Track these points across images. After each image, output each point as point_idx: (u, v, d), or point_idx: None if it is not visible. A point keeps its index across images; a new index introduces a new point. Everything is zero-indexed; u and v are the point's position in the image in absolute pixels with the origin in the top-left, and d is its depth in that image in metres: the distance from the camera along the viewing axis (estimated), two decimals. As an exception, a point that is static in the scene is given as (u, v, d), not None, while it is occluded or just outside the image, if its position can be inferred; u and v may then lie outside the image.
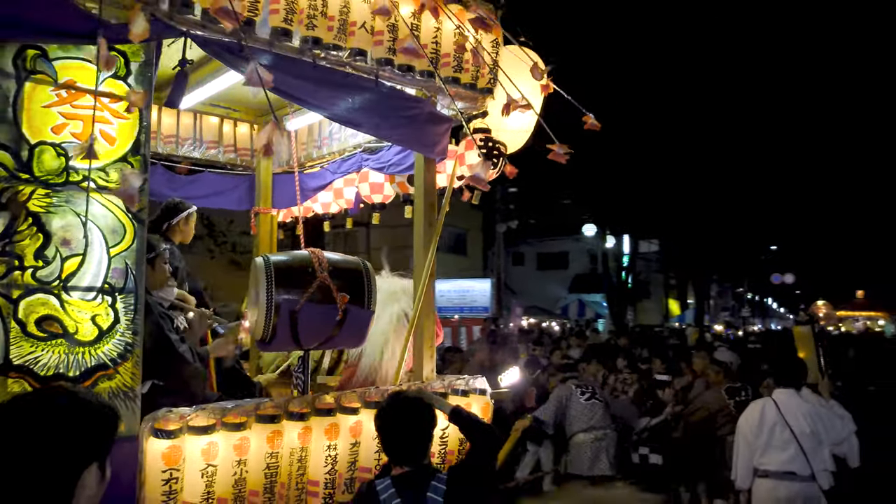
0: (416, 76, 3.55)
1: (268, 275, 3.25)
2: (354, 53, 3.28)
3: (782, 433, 4.31)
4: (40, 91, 2.59)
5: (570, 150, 3.30)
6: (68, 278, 2.60)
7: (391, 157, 4.71)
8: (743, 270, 33.22)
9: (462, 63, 3.72)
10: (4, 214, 2.48)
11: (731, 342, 16.42)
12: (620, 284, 26.72)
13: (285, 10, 2.99)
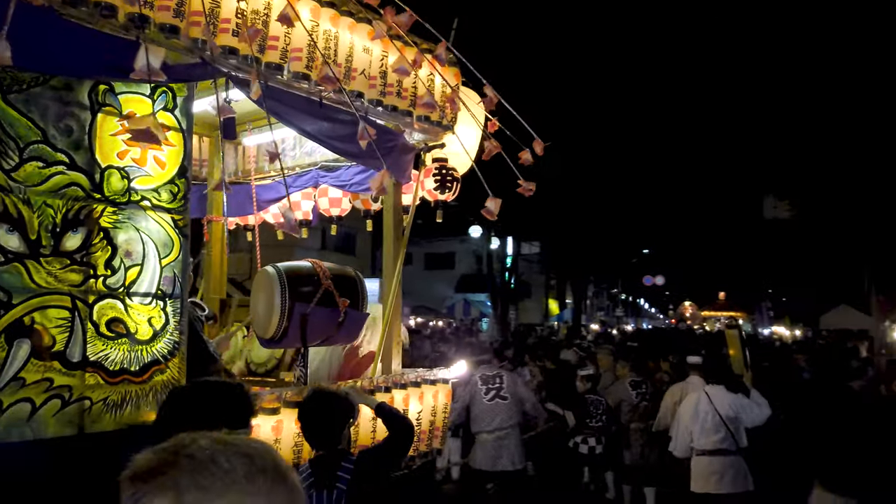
0: (398, 114, 4.19)
1: (282, 283, 3.78)
2: (355, 95, 3.86)
3: (714, 419, 5.35)
4: (108, 121, 3.00)
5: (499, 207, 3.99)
6: (130, 285, 3.03)
7: (352, 177, 5.30)
8: (617, 272, 35.74)
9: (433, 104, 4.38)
10: (82, 229, 2.88)
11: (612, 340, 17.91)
12: (504, 284, 28.01)
13: (307, 58, 3.52)
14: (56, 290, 2.77)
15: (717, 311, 27.91)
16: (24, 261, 2.67)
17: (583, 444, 7.02)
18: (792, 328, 30.86)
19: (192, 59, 3.15)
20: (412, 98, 4.26)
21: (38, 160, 2.73)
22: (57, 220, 2.78)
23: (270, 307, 3.83)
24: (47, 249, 2.75)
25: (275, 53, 3.39)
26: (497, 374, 6.64)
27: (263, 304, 3.91)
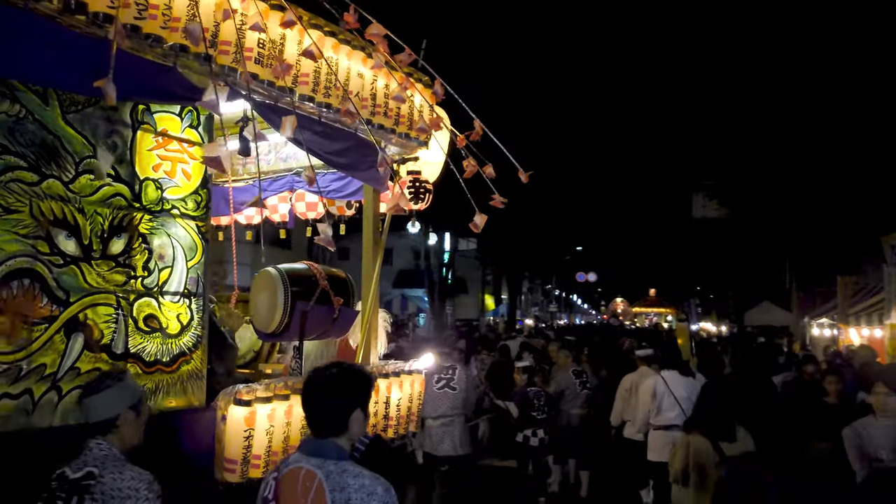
0: (383, 131, 4.68)
1: (284, 283, 4.22)
2: (363, 120, 4.32)
3: (669, 399, 6.14)
4: (146, 137, 3.39)
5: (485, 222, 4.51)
6: (163, 285, 3.43)
7: (329, 184, 5.75)
8: (552, 268, 36.88)
9: (412, 122, 4.89)
10: (125, 235, 3.26)
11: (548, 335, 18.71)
12: (441, 280, 28.66)
13: (313, 82, 3.96)
14: (104, 289, 3.15)
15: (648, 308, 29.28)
16: (79, 263, 3.05)
17: (533, 437, 7.61)
18: (718, 324, 32.60)
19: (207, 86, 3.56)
20: (395, 117, 4.75)
21: (90, 173, 3.10)
22: (105, 226, 3.16)
23: (274, 304, 4.27)
24: (97, 253, 3.12)
25: (288, 79, 3.82)
26: (451, 366, 7.18)
27: (266, 301, 4.33)
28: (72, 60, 2.83)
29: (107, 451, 2.48)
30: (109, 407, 2.53)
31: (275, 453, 3.72)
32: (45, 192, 2.91)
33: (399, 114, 4.76)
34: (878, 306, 13.89)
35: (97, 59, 2.88)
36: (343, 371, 2.40)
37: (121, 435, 2.55)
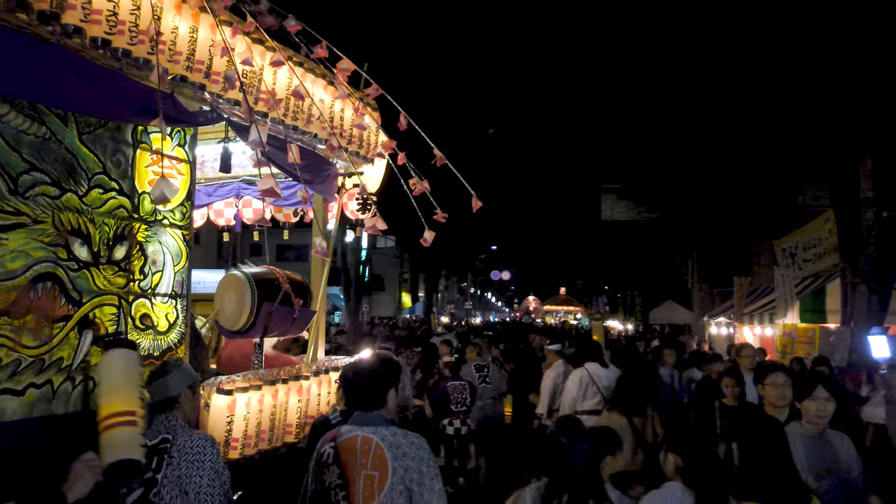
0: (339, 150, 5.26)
1: (251, 286, 4.74)
2: (312, 136, 4.90)
3: (592, 388, 6.96)
4: (143, 155, 3.86)
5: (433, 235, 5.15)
6: (155, 287, 3.91)
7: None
8: (467, 267, 37.92)
9: (362, 141, 5.49)
10: (126, 243, 3.73)
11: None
12: (358, 278, 29.07)
13: (285, 108, 4.51)
14: (109, 291, 3.61)
15: (558, 306, 30.66)
16: (90, 268, 3.50)
17: (449, 427, 8.39)
18: (625, 322, 34.43)
19: (205, 107, 4.08)
20: (349, 137, 5.36)
21: (99, 188, 3.56)
22: (110, 235, 3.62)
23: (241, 305, 4.78)
24: (104, 259, 3.58)
25: (263, 105, 4.35)
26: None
27: (234, 302, 4.84)
28: (94, 88, 3.31)
29: (174, 422, 3.15)
30: (174, 387, 3.24)
31: (249, 436, 4.26)
32: (64, 205, 3.36)
33: (352, 135, 5.36)
34: (769, 306, 15.10)
35: (115, 87, 3.38)
36: (380, 361, 3.06)
37: (183, 409, 3.27)
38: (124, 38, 3.34)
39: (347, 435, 2.95)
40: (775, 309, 14.11)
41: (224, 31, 3.79)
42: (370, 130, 5.50)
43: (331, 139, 4.32)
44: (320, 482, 2.89)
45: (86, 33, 3.19)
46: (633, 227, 28.14)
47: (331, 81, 4.94)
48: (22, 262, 3.13)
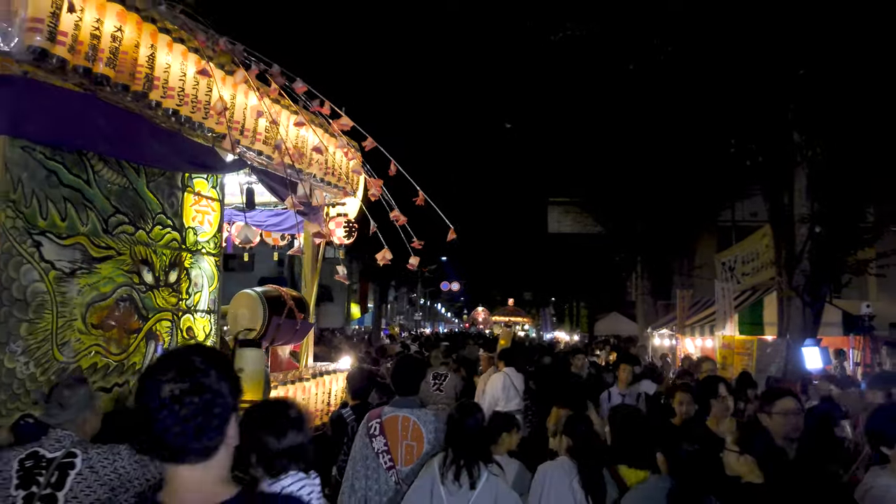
0: (330, 186, 6.32)
1: (262, 303, 5.76)
2: (310, 175, 5.95)
3: (511, 390, 7.98)
4: (189, 196, 4.86)
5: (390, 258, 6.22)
6: (196, 305, 4.91)
7: (266, 219, 7.31)
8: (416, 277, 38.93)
9: (349, 179, 6.57)
10: (177, 269, 4.72)
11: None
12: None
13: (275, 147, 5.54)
14: (166, 308, 4.60)
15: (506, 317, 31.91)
16: (153, 290, 4.49)
17: None
18: (571, 333, 35.96)
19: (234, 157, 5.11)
20: (339, 174, 6.44)
21: (160, 225, 4.56)
22: (166, 263, 4.62)
23: (255, 318, 5.78)
24: (162, 282, 4.57)
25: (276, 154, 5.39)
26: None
27: (247, 316, 5.83)
28: (162, 146, 4.32)
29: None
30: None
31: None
32: (137, 240, 4.35)
33: (342, 172, 6.45)
34: (710, 318, 15.53)
35: (176, 144, 4.42)
36: (415, 360, 4.23)
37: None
38: (188, 108, 4.36)
39: (390, 414, 4.02)
40: (715, 321, 14.60)
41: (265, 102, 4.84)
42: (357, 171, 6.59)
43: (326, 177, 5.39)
44: (369, 448, 3.96)
45: (162, 105, 4.20)
46: (580, 240, 29.47)
47: (327, 130, 6.01)
48: (110, 287, 4.11)
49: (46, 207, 3.67)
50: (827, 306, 11.84)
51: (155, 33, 4.04)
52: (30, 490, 2.77)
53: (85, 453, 2.89)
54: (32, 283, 3.58)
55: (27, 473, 2.80)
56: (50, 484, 2.78)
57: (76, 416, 3.02)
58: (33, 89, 3.48)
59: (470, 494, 3.55)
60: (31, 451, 2.88)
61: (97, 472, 2.85)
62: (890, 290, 15.71)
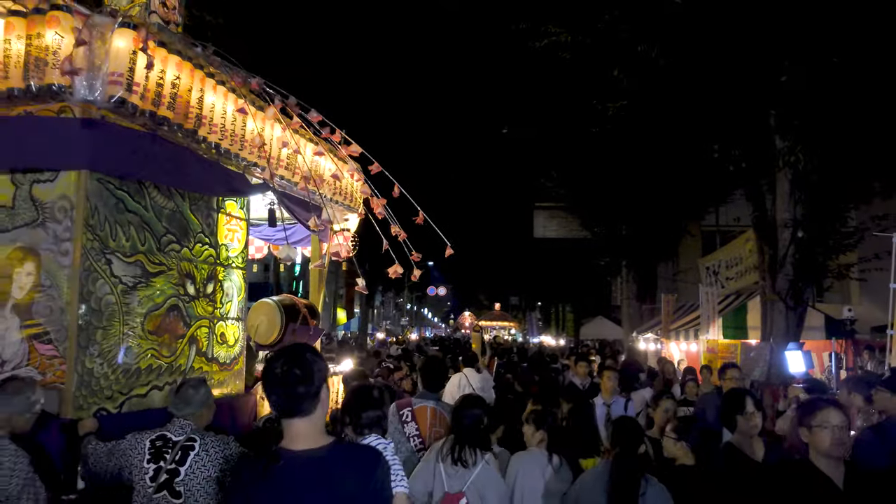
0: (338, 205, 7.06)
1: (280, 310, 6.49)
2: (323, 196, 6.69)
3: (469, 389, 8.70)
4: (222, 217, 5.59)
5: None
6: (227, 313, 5.64)
7: (273, 234, 8.02)
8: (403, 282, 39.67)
9: (353, 198, 7.32)
10: (213, 281, 5.45)
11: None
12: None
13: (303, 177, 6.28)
14: (204, 316, 5.33)
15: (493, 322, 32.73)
16: (194, 300, 5.21)
17: None
18: (557, 337, 36.85)
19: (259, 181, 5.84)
20: (345, 194, 7.19)
21: (200, 243, 5.28)
22: (205, 276, 5.34)
23: (273, 325, 6.52)
24: (201, 293, 5.30)
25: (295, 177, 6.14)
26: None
27: (266, 322, 6.57)
28: (205, 174, 5.05)
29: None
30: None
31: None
32: (182, 256, 5.07)
33: (348, 192, 7.20)
34: (694, 322, 16.00)
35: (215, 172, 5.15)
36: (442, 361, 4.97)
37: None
38: (227, 140, 5.11)
39: (419, 404, 4.84)
40: (700, 325, 14.98)
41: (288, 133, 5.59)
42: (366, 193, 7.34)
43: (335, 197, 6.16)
44: (401, 433, 4.74)
45: (207, 139, 4.94)
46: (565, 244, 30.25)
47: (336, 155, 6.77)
48: (162, 298, 4.84)
49: (115, 230, 4.40)
50: (810, 310, 12.16)
51: (203, 78, 4.78)
52: (158, 464, 3.58)
53: (202, 439, 3.68)
54: (105, 295, 4.31)
55: (157, 451, 3.61)
56: (175, 460, 3.58)
57: (196, 411, 3.84)
58: (107, 130, 4.21)
59: (466, 476, 4.31)
60: (160, 433, 3.69)
61: (210, 455, 3.63)
62: (872, 294, 15.71)
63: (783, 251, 11.28)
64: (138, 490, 3.58)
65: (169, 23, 5.17)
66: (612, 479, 4.03)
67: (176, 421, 3.79)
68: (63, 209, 4.18)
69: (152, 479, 3.54)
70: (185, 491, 3.51)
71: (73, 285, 4.11)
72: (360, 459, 2.58)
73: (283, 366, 2.44)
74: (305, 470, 2.41)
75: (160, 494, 3.51)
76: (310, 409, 2.47)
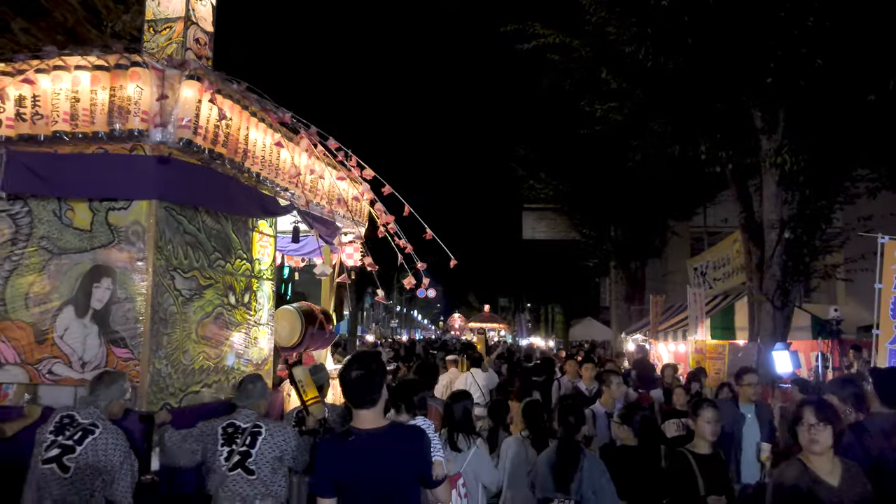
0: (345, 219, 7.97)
1: (300, 316, 7.41)
2: (340, 215, 7.61)
3: (475, 386, 9.72)
4: (255, 235, 6.50)
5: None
6: (260, 319, 6.54)
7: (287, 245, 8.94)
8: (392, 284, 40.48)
9: (360, 213, 8.24)
10: (249, 292, 6.35)
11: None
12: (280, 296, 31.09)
13: (327, 200, 7.20)
14: (242, 323, 6.23)
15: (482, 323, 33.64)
16: (235, 309, 6.12)
17: None
18: (546, 338, 37.87)
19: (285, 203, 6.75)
20: (355, 211, 8.11)
21: (239, 258, 6.19)
22: (243, 287, 6.25)
23: (294, 329, 7.44)
24: (240, 303, 6.21)
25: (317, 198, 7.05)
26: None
27: (288, 327, 7.48)
28: (246, 199, 5.96)
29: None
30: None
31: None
32: (226, 271, 5.98)
33: (358, 210, 8.14)
34: (683, 323, 16.25)
35: (253, 196, 6.06)
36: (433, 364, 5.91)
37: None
38: (266, 169, 6.03)
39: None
40: (688, 326, 15.24)
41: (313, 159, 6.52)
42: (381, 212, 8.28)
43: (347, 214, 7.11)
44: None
45: (251, 170, 5.86)
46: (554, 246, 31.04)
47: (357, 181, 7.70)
48: (211, 307, 5.75)
49: (177, 250, 5.31)
50: (796, 311, 12.64)
51: (248, 117, 5.69)
52: (231, 447, 4.49)
53: (266, 426, 4.62)
54: (170, 306, 5.22)
55: (229, 436, 4.53)
56: (245, 444, 4.51)
57: (256, 401, 4.80)
58: (173, 165, 5.11)
59: (461, 460, 5.32)
60: (230, 422, 4.62)
61: (275, 437, 4.57)
62: (857, 294, 16.24)
63: (770, 252, 11.68)
64: (214, 469, 4.50)
65: (201, 57, 6.05)
66: (557, 455, 5.04)
67: (241, 411, 4.71)
68: (136, 233, 5.08)
69: (226, 459, 4.46)
70: (257, 469, 4.44)
71: (146, 298, 5.01)
72: (409, 435, 3.59)
73: (355, 371, 3.43)
74: (370, 443, 3.38)
75: (235, 472, 4.43)
76: (374, 402, 3.45)
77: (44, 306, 5.21)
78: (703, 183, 19.46)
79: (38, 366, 5.16)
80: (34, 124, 5.07)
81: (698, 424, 4.95)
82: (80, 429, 4.18)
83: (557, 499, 4.90)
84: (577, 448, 5.03)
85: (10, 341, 5.22)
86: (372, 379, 3.42)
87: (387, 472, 3.37)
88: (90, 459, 4.11)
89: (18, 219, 5.31)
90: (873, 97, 10.00)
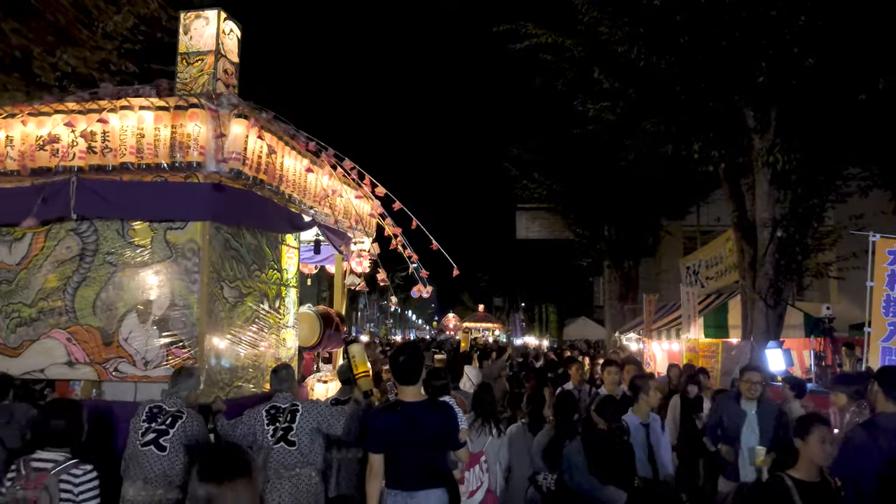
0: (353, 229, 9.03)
1: (319, 318, 8.48)
2: (354, 228, 8.67)
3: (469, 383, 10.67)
4: (283, 247, 7.56)
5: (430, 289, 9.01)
6: (287, 323, 7.60)
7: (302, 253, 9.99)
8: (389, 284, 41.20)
9: (369, 225, 9.31)
10: (279, 298, 7.41)
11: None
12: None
13: (343, 215, 8.25)
14: (274, 325, 7.29)
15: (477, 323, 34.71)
16: (268, 314, 7.17)
17: None
18: (540, 338, 38.93)
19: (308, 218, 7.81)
20: (365, 223, 9.18)
21: (270, 269, 7.24)
22: (274, 294, 7.30)
23: (314, 331, 8.50)
24: (273, 308, 7.26)
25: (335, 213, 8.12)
26: None
27: (307, 329, 8.53)
28: (277, 216, 7.01)
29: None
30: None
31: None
32: (261, 280, 7.03)
33: (367, 222, 9.21)
34: (676, 322, 16.64)
35: (283, 214, 7.11)
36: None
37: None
38: (297, 191, 7.09)
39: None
40: (681, 324, 15.64)
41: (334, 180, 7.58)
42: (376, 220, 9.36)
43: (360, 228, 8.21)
44: None
45: (284, 192, 6.91)
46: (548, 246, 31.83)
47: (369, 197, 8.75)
48: (250, 313, 6.81)
49: (224, 264, 6.36)
50: (789, 309, 12.94)
51: (284, 147, 6.75)
52: (275, 425, 5.54)
53: (302, 405, 5.70)
54: (219, 312, 6.27)
55: (272, 417, 5.59)
56: (287, 420, 5.56)
57: (289, 386, 5.87)
58: (224, 190, 6.15)
59: (485, 441, 6.44)
60: (272, 405, 5.67)
61: (311, 413, 5.65)
62: (850, 292, 16.55)
63: (763, 250, 11.97)
64: (261, 444, 5.54)
65: (228, 86, 7.06)
66: (550, 440, 6.26)
67: (279, 394, 5.79)
68: (192, 249, 6.13)
69: (272, 435, 5.52)
70: (297, 440, 5.52)
71: (202, 306, 6.07)
72: (442, 408, 4.83)
73: (402, 356, 4.65)
74: (414, 412, 4.56)
75: (279, 445, 5.50)
76: (416, 380, 4.68)
77: (109, 313, 6.23)
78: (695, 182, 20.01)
79: (106, 364, 6.18)
80: (104, 156, 6.10)
81: (809, 444, 4.17)
82: (169, 416, 5.24)
83: (543, 472, 6.24)
84: (566, 434, 6.14)
85: (80, 343, 6.25)
86: (415, 363, 4.63)
87: (426, 434, 4.50)
88: (182, 439, 5.16)
89: (86, 237, 6.34)
90: (864, 96, 10.40)
